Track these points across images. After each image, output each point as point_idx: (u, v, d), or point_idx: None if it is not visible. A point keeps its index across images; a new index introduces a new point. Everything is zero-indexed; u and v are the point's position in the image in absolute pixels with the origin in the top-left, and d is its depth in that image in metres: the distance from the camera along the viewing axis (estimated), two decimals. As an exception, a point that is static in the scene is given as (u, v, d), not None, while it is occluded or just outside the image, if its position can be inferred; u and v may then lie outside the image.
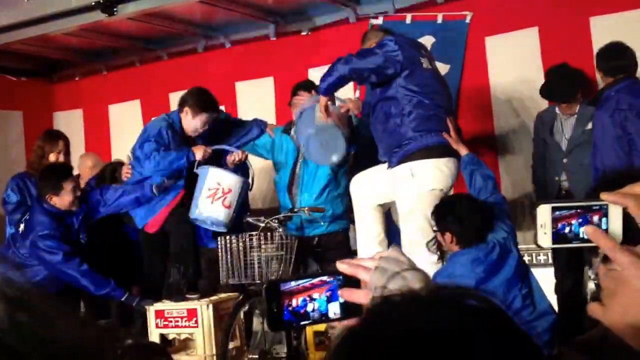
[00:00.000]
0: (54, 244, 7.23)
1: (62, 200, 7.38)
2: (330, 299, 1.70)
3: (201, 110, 7.48)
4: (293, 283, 1.71)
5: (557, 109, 7.63)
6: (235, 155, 7.41)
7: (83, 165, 9.16)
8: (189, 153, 7.29)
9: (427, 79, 6.54)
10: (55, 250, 7.22)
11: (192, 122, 7.52)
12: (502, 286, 5.55)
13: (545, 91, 7.61)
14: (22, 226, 7.63)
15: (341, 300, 1.68)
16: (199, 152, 7.27)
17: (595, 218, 1.75)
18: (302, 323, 1.73)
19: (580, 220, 1.75)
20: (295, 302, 1.70)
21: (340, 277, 1.69)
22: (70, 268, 7.22)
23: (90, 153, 9.67)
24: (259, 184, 8.43)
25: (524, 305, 5.56)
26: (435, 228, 6.02)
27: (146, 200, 7.54)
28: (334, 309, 1.69)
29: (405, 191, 6.37)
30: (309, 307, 1.70)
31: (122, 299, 7.36)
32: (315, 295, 1.70)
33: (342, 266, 1.67)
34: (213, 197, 7.03)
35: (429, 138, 6.36)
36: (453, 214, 5.88)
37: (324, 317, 1.70)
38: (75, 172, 8.01)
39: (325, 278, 1.71)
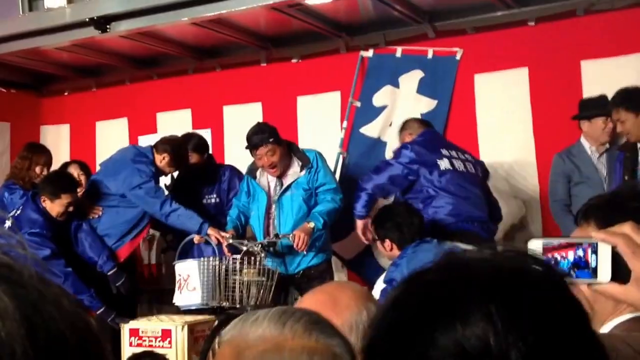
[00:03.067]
0: (42, 241, 7.26)
1: (53, 207, 7.45)
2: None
3: (177, 166, 8.22)
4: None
5: (585, 144, 7.52)
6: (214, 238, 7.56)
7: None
8: (203, 225, 7.62)
9: (442, 182, 6.87)
10: (42, 247, 7.25)
11: (166, 168, 8.12)
12: None
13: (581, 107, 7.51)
14: (8, 223, 7.62)
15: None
16: (213, 234, 7.56)
17: (584, 254, 1.79)
18: None
19: (570, 256, 1.79)
20: None
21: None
22: (54, 266, 7.24)
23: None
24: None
25: None
26: (375, 237, 6.31)
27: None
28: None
29: None
30: None
31: (98, 312, 7.37)
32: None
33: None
34: (180, 287, 7.11)
35: None
36: (392, 220, 6.02)
37: None
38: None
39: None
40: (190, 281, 7.03)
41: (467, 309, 1.10)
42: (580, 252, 1.77)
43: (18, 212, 7.64)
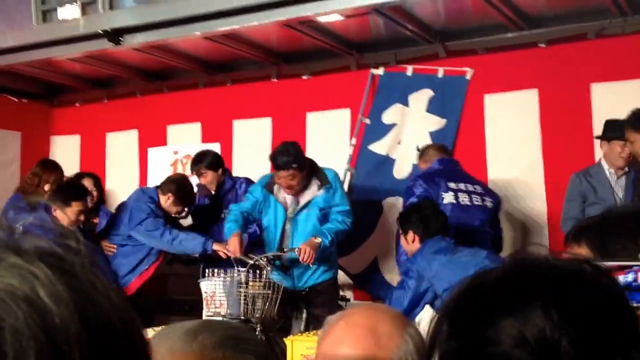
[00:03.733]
0: None
1: (64, 217, 7.40)
2: None
3: (183, 204, 8.39)
4: None
5: (604, 165, 7.45)
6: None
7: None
8: (207, 243, 7.77)
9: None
10: None
11: (172, 208, 8.30)
12: None
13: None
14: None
15: None
16: (219, 249, 7.68)
17: (635, 277, 1.80)
18: None
19: (620, 279, 1.79)
20: None
21: None
22: None
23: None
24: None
25: None
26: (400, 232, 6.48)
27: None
28: None
29: None
30: None
31: None
32: None
33: None
34: (207, 305, 7.10)
35: None
36: (418, 214, 6.31)
37: None
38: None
39: None
40: (217, 298, 7.05)
41: (528, 302, 1.23)
42: (630, 276, 1.79)
43: (29, 220, 7.59)
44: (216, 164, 8.50)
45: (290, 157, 7.21)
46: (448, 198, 7.09)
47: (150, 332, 4.84)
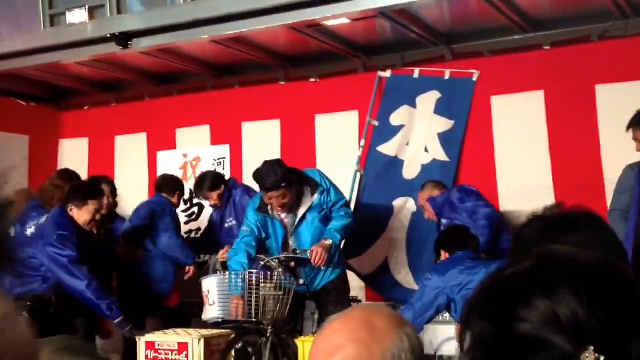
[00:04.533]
0: (70, 244, 7.24)
1: (80, 215, 7.43)
2: None
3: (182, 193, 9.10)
4: None
5: None
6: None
7: None
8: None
9: None
10: (68, 249, 7.20)
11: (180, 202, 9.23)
12: None
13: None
14: (30, 230, 7.65)
15: None
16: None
17: None
18: None
19: None
20: None
21: None
22: (79, 269, 7.19)
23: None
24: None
25: None
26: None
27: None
28: None
29: None
30: None
31: (115, 321, 7.37)
32: None
33: None
34: (206, 302, 7.16)
35: None
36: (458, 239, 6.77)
37: None
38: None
39: None
40: (210, 296, 7.10)
41: (560, 286, 1.32)
42: None
43: (44, 220, 7.63)
44: (216, 185, 8.68)
45: (277, 176, 7.09)
46: None
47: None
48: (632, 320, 1.30)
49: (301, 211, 7.38)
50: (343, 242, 7.62)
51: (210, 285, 7.13)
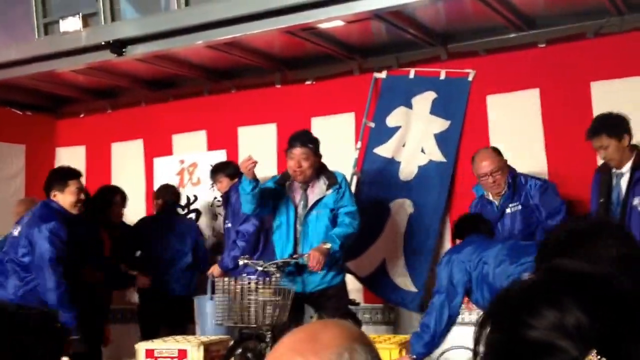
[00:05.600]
0: (57, 239, 7.26)
1: (65, 199, 7.44)
2: None
3: None
4: None
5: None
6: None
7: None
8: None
9: None
10: (54, 245, 7.24)
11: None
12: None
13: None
14: (17, 230, 7.63)
15: None
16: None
17: None
18: None
19: None
20: None
21: None
22: (54, 270, 7.23)
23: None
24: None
25: None
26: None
27: None
28: None
29: None
30: None
31: (68, 326, 7.12)
32: None
33: None
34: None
35: None
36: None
37: None
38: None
39: None
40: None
41: (566, 297, 1.45)
42: None
43: (29, 217, 7.63)
44: (235, 174, 8.90)
45: (306, 136, 7.52)
46: None
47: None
48: (631, 324, 1.43)
49: (313, 197, 7.46)
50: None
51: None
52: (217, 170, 9.22)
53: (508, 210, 7.43)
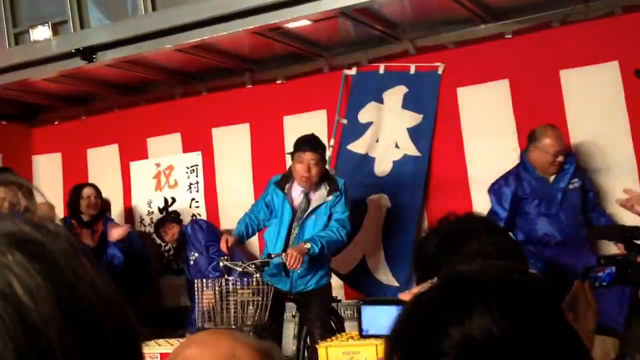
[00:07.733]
0: None
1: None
2: None
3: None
4: None
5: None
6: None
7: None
8: None
9: None
10: None
11: None
12: None
13: None
14: None
15: None
16: None
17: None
18: None
19: None
20: None
21: None
22: None
23: None
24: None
25: None
26: None
27: None
28: None
29: None
30: None
31: None
32: None
33: None
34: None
35: None
36: None
37: None
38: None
39: None
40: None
41: (472, 308, 1.38)
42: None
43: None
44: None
45: (317, 141, 7.53)
46: None
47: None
48: (544, 331, 1.39)
49: (314, 201, 7.48)
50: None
51: None
52: (164, 221, 9.40)
53: (571, 186, 7.54)
